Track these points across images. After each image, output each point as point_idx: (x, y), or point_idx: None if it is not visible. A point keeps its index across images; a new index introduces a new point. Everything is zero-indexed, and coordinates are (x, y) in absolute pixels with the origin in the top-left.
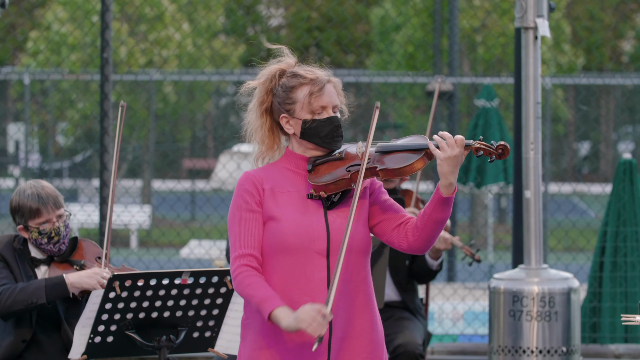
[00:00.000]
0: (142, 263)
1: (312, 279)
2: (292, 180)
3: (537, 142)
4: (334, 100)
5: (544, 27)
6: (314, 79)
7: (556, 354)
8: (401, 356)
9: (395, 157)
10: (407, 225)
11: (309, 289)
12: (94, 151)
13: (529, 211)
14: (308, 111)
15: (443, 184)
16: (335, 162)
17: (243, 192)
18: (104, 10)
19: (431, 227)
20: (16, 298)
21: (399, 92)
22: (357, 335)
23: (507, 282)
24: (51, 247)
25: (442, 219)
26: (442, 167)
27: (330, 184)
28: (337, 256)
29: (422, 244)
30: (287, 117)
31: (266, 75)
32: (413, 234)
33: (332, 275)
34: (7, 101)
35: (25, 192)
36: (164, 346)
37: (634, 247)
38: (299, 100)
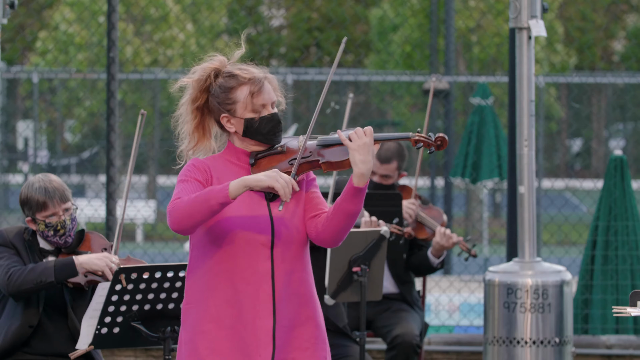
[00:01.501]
0: (147, 256)
1: (256, 269)
2: (236, 173)
3: (531, 139)
4: (272, 97)
5: (538, 27)
6: (252, 79)
7: (549, 345)
8: (399, 346)
9: (335, 150)
10: (320, 216)
11: (254, 280)
12: (100, 148)
13: (522, 206)
14: (249, 110)
15: (355, 174)
16: (277, 156)
17: (193, 167)
18: (110, 11)
19: (340, 218)
20: (26, 277)
21: (396, 91)
22: (304, 323)
23: (501, 275)
24: (57, 240)
25: (353, 211)
26: (354, 156)
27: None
28: (280, 248)
29: (330, 235)
30: (227, 116)
31: (200, 74)
32: (323, 225)
33: (275, 267)
34: (16, 99)
35: (34, 185)
36: (169, 337)
37: (625, 240)
38: (239, 100)
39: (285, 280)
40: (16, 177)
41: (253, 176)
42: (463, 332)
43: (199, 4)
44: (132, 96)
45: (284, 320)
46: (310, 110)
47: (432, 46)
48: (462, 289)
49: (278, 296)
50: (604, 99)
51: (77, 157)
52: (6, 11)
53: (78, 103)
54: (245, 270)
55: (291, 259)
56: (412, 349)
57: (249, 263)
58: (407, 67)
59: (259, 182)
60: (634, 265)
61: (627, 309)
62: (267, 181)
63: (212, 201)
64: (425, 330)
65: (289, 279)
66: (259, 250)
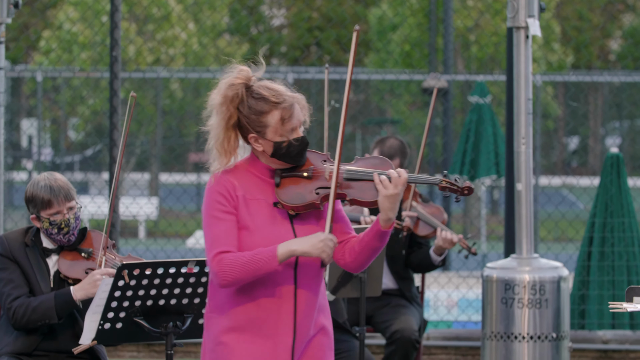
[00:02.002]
0: (149, 253)
1: (280, 288)
2: (260, 187)
3: (528, 136)
4: (301, 119)
5: (534, 26)
6: (283, 104)
7: (546, 340)
8: (398, 342)
9: (362, 186)
10: (347, 244)
11: (276, 298)
12: (103, 145)
13: (520, 203)
14: (279, 135)
15: (382, 218)
16: (302, 179)
17: (217, 194)
18: (113, 10)
19: (367, 254)
20: (30, 318)
21: (395, 89)
22: (317, 333)
23: (499, 271)
24: (61, 238)
25: (379, 247)
26: (383, 203)
27: (300, 206)
28: (304, 268)
29: (357, 266)
30: (256, 136)
31: (232, 92)
32: (350, 255)
33: (298, 285)
34: (20, 98)
35: (39, 183)
36: (171, 332)
37: (621, 237)
38: (270, 124)
39: (306, 298)
40: (20, 174)
41: (300, 246)
42: (461, 327)
43: (200, 4)
44: None
45: (303, 336)
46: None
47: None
48: (460, 285)
49: (299, 314)
50: (601, 98)
51: (80, 154)
52: (10, 11)
53: (81, 101)
54: (268, 288)
55: (312, 277)
56: (411, 344)
57: (273, 282)
58: (406, 65)
59: (306, 254)
60: (630, 261)
61: (624, 305)
62: (315, 253)
63: (261, 271)
64: (424, 326)
65: (309, 296)
66: (284, 271)
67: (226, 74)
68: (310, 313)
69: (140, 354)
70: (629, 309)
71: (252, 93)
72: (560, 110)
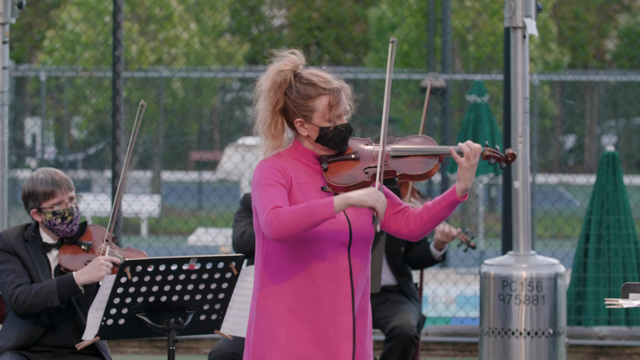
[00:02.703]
0: (151, 250)
1: (336, 267)
2: (308, 172)
3: (526, 135)
4: (347, 107)
5: (531, 26)
6: (331, 90)
7: (543, 336)
8: (397, 337)
9: (412, 161)
10: (406, 213)
11: (334, 276)
12: (106, 144)
13: (517, 200)
14: (326, 120)
15: (461, 188)
16: (349, 162)
17: (270, 168)
18: (115, 10)
19: (435, 222)
20: (32, 302)
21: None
22: (363, 314)
23: (497, 268)
24: (64, 228)
25: (447, 216)
26: (464, 173)
27: (352, 186)
28: (357, 247)
29: (421, 234)
30: (302, 121)
31: (281, 77)
32: (415, 223)
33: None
34: (24, 97)
35: (38, 177)
36: (173, 328)
37: (617, 234)
38: (317, 109)
39: (360, 276)
40: (24, 172)
41: (356, 195)
42: (459, 323)
43: (202, 4)
44: (137, 94)
45: (359, 315)
46: None
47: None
48: (458, 282)
49: (356, 292)
50: (597, 97)
51: (83, 153)
52: (14, 11)
53: (84, 100)
54: (325, 268)
55: (363, 256)
56: (409, 340)
57: (329, 261)
58: (404, 65)
59: (361, 202)
60: (626, 258)
61: (620, 301)
62: (370, 202)
63: (317, 216)
64: (423, 322)
65: (362, 275)
66: (338, 249)
67: (275, 61)
68: (362, 293)
69: (143, 350)
70: (624, 305)
71: (300, 79)
72: (557, 109)
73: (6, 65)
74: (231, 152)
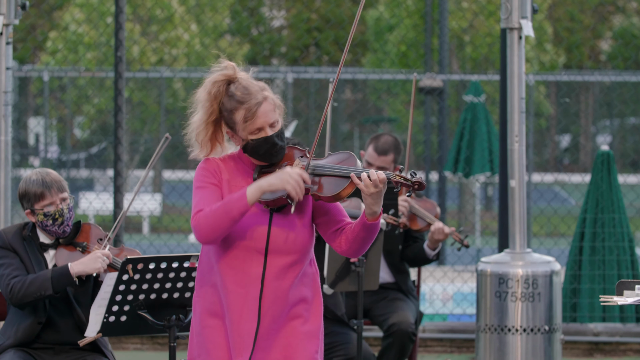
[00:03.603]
0: (153, 247)
1: (248, 273)
2: (244, 176)
3: (522, 134)
4: (270, 119)
5: (527, 27)
6: (247, 104)
7: (539, 332)
8: (395, 334)
9: (327, 181)
10: (343, 231)
11: (244, 282)
12: (108, 143)
13: (513, 199)
14: (247, 132)
15: (367, 212)
16: None
17: (204, 170)
18: (117, 12)
19: (359, 243)
20: (27, 291)
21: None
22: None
23: (493, 266)
24: (56, 229)
25: (370, 237)
26: (367, 199)
27: (270, 201)
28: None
29: (353, 253)
30: (230, 132)
31: (215, 88)
32: (345, 243)
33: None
34: (27, 97)
35: (31, 178)
36: (174, 325)
37: (611, 232)
38: (237, 122)
39: (274, 285)
40: (27, 171)
41: (266, 180)
42: (456, 320)
43: (202, 5)
44: (138, 94)
45: (270, 323)
46: (310, 107)
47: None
48: (455, 279)
49: (266, 300)
50: (592, 97)
51: (85, 152)
52: (18, 12)
53: (87, 100)
54: (238, 273)
55: (285, 267)
56: (407, 337)
57: (242, 266)
58: (402, 65)
59: (271, 186)
60: (620, 255)
61: (614, 298)
62: (279, 184)
63: (233, 212)
64: (420, 319)
65: (279, 284)
66: (253, 255)
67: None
68: (279, 302)
69: (144, 346)
70: (619, 302)
71: (228, 91)
72: (552, 109)
73: (10, 65)
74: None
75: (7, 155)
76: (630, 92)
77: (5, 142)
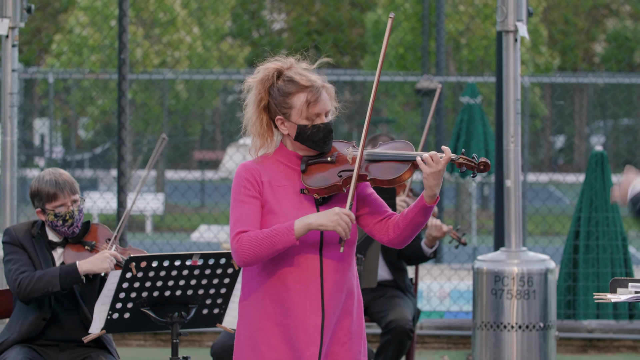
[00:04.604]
0: (156, 246)
1: (305, 269)
2: (286, 174)
3: (517, 135)
4: (328, 107)
5: (523, 30)
6: (310, 87)
7: (534, 329)
8: (393, 331)
9: (384, 166)
10: (389, 220)
11: (303, 278)
12: (112, 144)
13: (509, 198)
14: (304, 117)
15: (428, 194)
16: (327, 164)
17: (243, 180)
18: (121, 15)
19: (411, 229)
20: (34, 287)
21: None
22: (343, 318)
23: (489, 264)
24: (65, 230)
25: (423, 223)
26: (428, 180)
27: (324, 189)
28: (329, 248)
29: (402, 241)
30: (282, 119)
31: (264, 74)
32: (394, 231)
33: (324, 266)
34: (33, 98)
35: (44, 178)
36: (176, 322)
37: (605, 231)
38: (295, 106)
39: (332, 278)
40: (33, 171)
41: (316, 219)
42: (453, 317)
43: (204, 9)
44: (141, 95)
45: (331, 316)
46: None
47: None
48: (452, 277)
49: (327, 294)
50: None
51: (90, 152)
52: (23, 15)
53: (91, 102)
54: (295, 270)
55: (339, 259)
56: (405, 334)
57: (299, 264)
58: (400, 68)
59: (322, 227)
60: (614, 254)
61: (608, 296)
62: (330, 225)
63: (278, 245)
64: (418, 316)
65: (337, 277)
66: (309, 251)
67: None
68: (337, 295)
69: (147, 343)
70: (613, 299)
71: (283, 77)
72: (547, 110)
73: (15, 67)
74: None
75: (13, 155)
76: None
77: (11, 142)
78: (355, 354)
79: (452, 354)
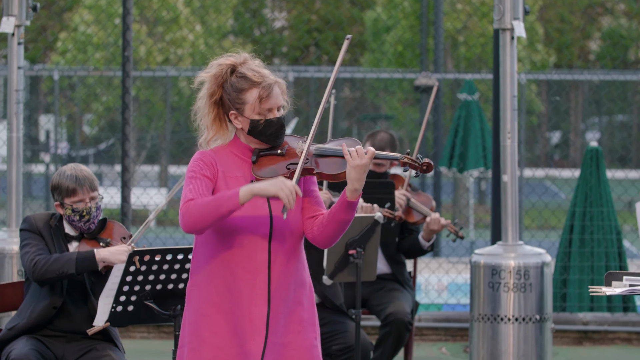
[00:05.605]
0: (159, 240)
1: (254, 259)
2: (239, 165)
3: (514, 131)
4: (280, 102)
5: (519, 28)
6: (262, 83)
7: (530, 321)
8: (392, 323)
9: (331, 161)
10: (316, 219)
11: (251, 268)
12: (116, 140)
13: (506, 193)
14: (256, 112)
15: (349, 189)
16: (277, 157)
17: (199, 162)
18: (125, 13)
19: (334, 226)
20: (50, 267)
21: (389, 87)
22: (295, 308)
23: (486, 257)
24: (82, 225)
25: (346, 220)
26: (350, 173)
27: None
28: (278, 241)
29: (325, 239)
30: (236, 114)
31: (217, 70)
32: (318, 228)
33: (272, 257)
34: (38, 95)
35: (65, 173)
36: (179, 314)
37: (600, 225)
38: (248, 102)
39: (280, 270)
40: (38, 167)
41: (260, 185)
42: (451, 309)
43: (207, 7)
44: (145, 92)
45: (279, 307)
46: (310, 105)
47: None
48: (450, 270)
49: (274, 285)
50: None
51: (94, 148)
52: (29, 14)
53: (95, 98)
54: (244, 260)
55: (287, 251)
56: (404, 326)
57: (248, 254)
58: (399, 65)
59: (265, 191)
60: (608, 248)
61: (602, 289)
62: (273, 190)
63: (222, 208)
64: (416, 308)
65: (285, 269)
66: (258, 242)
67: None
68: (285, 286)
69: (150, 335)
70: (607, 292)
71: (237, 73)
72: (543, 106)
73: (21, 65)
74: None
75: (19, 151)
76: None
77: (17, 138)
78: (311, 341)
79: (450, 345)
